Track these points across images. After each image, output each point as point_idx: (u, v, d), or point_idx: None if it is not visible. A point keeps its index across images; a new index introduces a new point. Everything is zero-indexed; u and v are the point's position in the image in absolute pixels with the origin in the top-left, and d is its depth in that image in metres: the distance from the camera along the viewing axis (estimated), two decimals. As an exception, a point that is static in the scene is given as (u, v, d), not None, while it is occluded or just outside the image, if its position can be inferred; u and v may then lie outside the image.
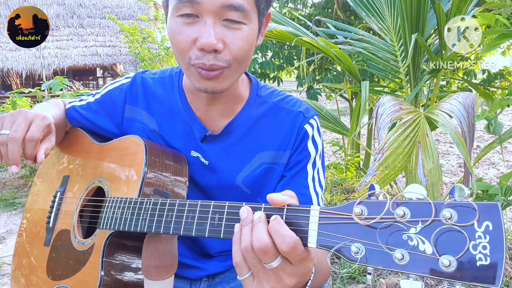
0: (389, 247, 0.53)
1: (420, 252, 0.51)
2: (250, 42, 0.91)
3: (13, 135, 0.92)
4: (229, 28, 0.87)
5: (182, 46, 0.88)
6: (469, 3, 2.31)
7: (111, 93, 1.19)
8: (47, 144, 0.99)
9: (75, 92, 5.19)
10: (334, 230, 0.59)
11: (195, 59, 0.88)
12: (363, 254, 0.55)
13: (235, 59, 0.89)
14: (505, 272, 2.04)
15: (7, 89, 12.42)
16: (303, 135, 1.08)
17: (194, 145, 1.10)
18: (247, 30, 0.89)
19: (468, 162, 1.67)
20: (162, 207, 0.86)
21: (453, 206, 0.51)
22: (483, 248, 0.48)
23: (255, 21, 0.92)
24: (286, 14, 4.76)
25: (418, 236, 0.52)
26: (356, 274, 2.47)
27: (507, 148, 6.64)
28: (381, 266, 0.53)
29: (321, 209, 0.62)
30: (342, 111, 9.62)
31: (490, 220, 0.49)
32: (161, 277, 0.94)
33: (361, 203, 0.57)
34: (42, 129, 0.97)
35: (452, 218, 0.50)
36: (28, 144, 0.94)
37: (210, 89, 0.92)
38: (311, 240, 0.61)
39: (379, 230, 0.55)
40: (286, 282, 0.64)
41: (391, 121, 1.84)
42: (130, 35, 7.04)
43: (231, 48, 0.87)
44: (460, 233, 0.50)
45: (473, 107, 1.93)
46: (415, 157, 1.77)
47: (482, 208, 0.49)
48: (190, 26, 0.86)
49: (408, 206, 0.54)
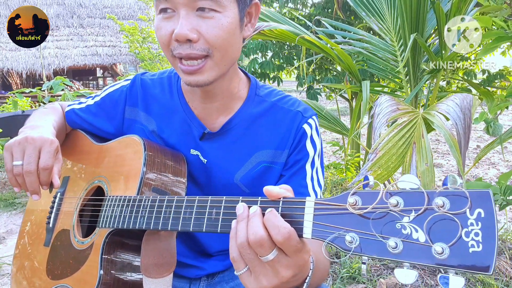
0: (383, 236, 0.53)
1: (413, 240, 0.52)
2: (228, 30, 0.91)
3: (28, 169, 0.95)
4: (203, 18, 0.89)
5: (163, 40, 0.92)
6: (468, 3, 2.32)
7: (111, 95, 1.20)
8: (57, 165, 1.02)
9: (75, 92, 5.19)
10: (329, 220, 0.60)
11: (173, 50, 0.91)
12: (357, 244, 0.56)
13: (214, 47, 0.91)
14: (505, 272, 2.03)
15: (7, 89, 12.45)
16: (301, 134, 1.09)
17: (193, 143, 1.10)
18: (222, 18, 0.90)
19: (460, 164, 1.67)
20: (160, 204, 0.86)
21: (445, 194, 0.51)
22: (475, 235, 0.48)
23: (233, 10, 0.92)
24: (286, 14, 4.77)
25: (411, 225, 0.52)
26: (356, 274, 2.46)
27: (507, 148, 6.64)
28: (375, 255, 0.54)
29: (316, 201, 0.62)
30: (342, 111, 9.62)
31: (482, 208, 0.49)
32: (160, 275, 0.94)
33: (355, 193, 0.58)
34: (53, 156, 0.99)
35: (444, 206, 0.51)
36: (43, 173, 0.97)
37: (194, 82, 0.94)
38: (306, 231, 0.62)
39: (372, 219, 0.55)
40: (283, 275, 0.64)
41: (387, 121, 1.85)
42: (130, 35, 7.04)
43: (206, 36, 0.89)
44: (452, 220, 0.50)
45: (470, 109, 1.93)
46: (409, 157, 1.78)
47: (474, 196, 0.50)
48: (168, 20, 0.91)
49: (402, 195, 0.54)
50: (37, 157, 0.97)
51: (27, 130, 1.06)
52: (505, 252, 2.60)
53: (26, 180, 0.96)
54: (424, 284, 2.34)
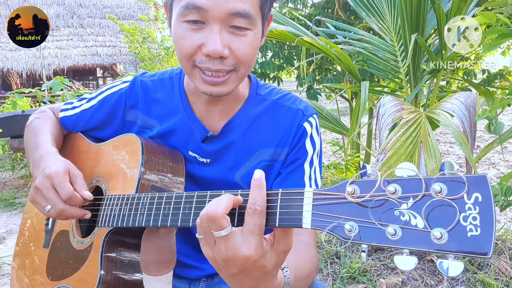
0: (382, 224, 0.53)
1: (412, 226, 0.52)
2: (255, 47, 0.93)
3: (58, 209, 0.96)
4: (235, 35, 0.88)
5: (187, 51, 0.89)
6: (469, 3, 2.32)
7: (109, 98, 1.18)
8: (78, 182, 1.00)
9: (75, 92, 5.20)
10: (328, 210, 0.60)
11: (199, 63, 0.89)
12: (356, 232, 0.56)
13: (241, 63, 0.91)
14: (505, 272, 2.03)
15: (7, 89, 12.44)
16: (301, 133, 1.09)
17: (194, 145, 1.10)
18: (252, 36, 0.90)
19: (471, 161, 1.67)
20: (159, 201, 0.86)
21: (443, 180, 0.52)
22: (473, 219, 0.49)
23: (260, 26, 0.93)
24: (286, 14, 4.78)
25: (409, 211, 0.52)
26: (356, 274, 2.46)
27: (507, 148, 6.64)
28: (374, 242, 0.54)
29: (315, 191, 0.62)
30: (342, 111, 9.61)
31: (479, 192, 0.49)
32: (160, 273, 0.94)
33: (353, 182, 0.58)
34: (66, 183, 0.97)
35: (442, 191, 0.51)
36: (71, 201, 0.97)
37: (216, 93, 0.94)
38: (305, 221, 0.62)
39: (371, 208, 0.55)
40: None
41: (393, 121, 1.85)
42: (130, 35, 7.06)
43: (237, 54, 0.89)
44: (450, 205, 0.50)
45: (475, 107, 1.94)
46: (418, 156, 1.78)
47: (471, 180, 0.50)
48: (196, 32, 0.88)
49: (399, 183, 0.54)
50: (57, 195, 0.97)
51: (32, 169, 1.08)
52: (505, 252, 2.60)
53: (66, 215, 0.97)
54: (424, 284, 2.34)
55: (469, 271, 2.41)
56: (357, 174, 0.58)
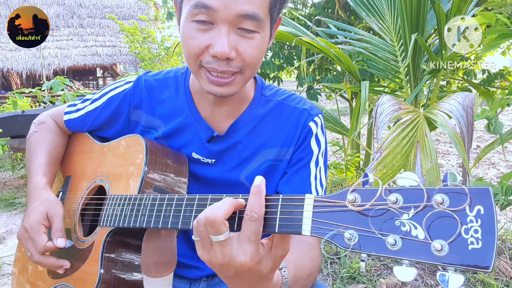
0: (382, 233, 0.53)
1: (412, 237, 0.51)
2: (262, 49, 0.92)
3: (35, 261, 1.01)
4: (243, 37, 0.88)
5: (195, 51, 0.89)
6: (469, 3, 2.32)
7: (114, 99, 1.17)
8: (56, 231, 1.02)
9: (75, 92, 5.20)
10: (328, 217, 0.59)
11: (206, 63, 0.89)
12: (356, 241, 0.55)
13: (247, 65, 0.91)
14: (505, 272, 2.03)
15: (7, 89, 12.45)
16: (307, 132, 1.09)
17: (198, 145, 1.10)
18: (260, 39, 0.90)
19: (466, 162, 1.67)
20: (161, 202, 0.86)
21: (445, 191, 0.51)
22: (475, 232, 0.48)
23: (268, 29, 0.93)
24: (286, 14, 4.77)
25: (410, 222, 0.52)
26: (356, 274, 2.46)
27: (507, 148, 6.64)
28: (374, 252, 0.53)
29: (316, 198, 0.62)
30: (342, 111, 9.61)
31: (481, 204, 0.49)
32: (160, 274, 0.94)
33: (354, 190, 0.58)
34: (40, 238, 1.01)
35: (444, 203, 0.50)
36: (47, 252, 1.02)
37: (220, 93, 0.94)
38: (305, 228, 0.61)
39: (372, 217, 0.55)
40: None
41: (390, 120, 1.84)
42: (130, 35, 7.06)
43: (243, 56, 0.89)
44: (451, 217, 0.50)
45: (472, 107, 1.93)
46: (414, 156, 1.77)
47: (474, 192, 0.50)
48: (204, 32, 0.88)
49: (401, 192, 0.54)
50: (34, 245, 1.01)
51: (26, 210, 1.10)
52: (505, 252, 2.60)
53: (43, 265, 1.03)
54: (424, 284, 2.34)
55: (469, 271, 2.41)
56: (358, 182, 0.58)
